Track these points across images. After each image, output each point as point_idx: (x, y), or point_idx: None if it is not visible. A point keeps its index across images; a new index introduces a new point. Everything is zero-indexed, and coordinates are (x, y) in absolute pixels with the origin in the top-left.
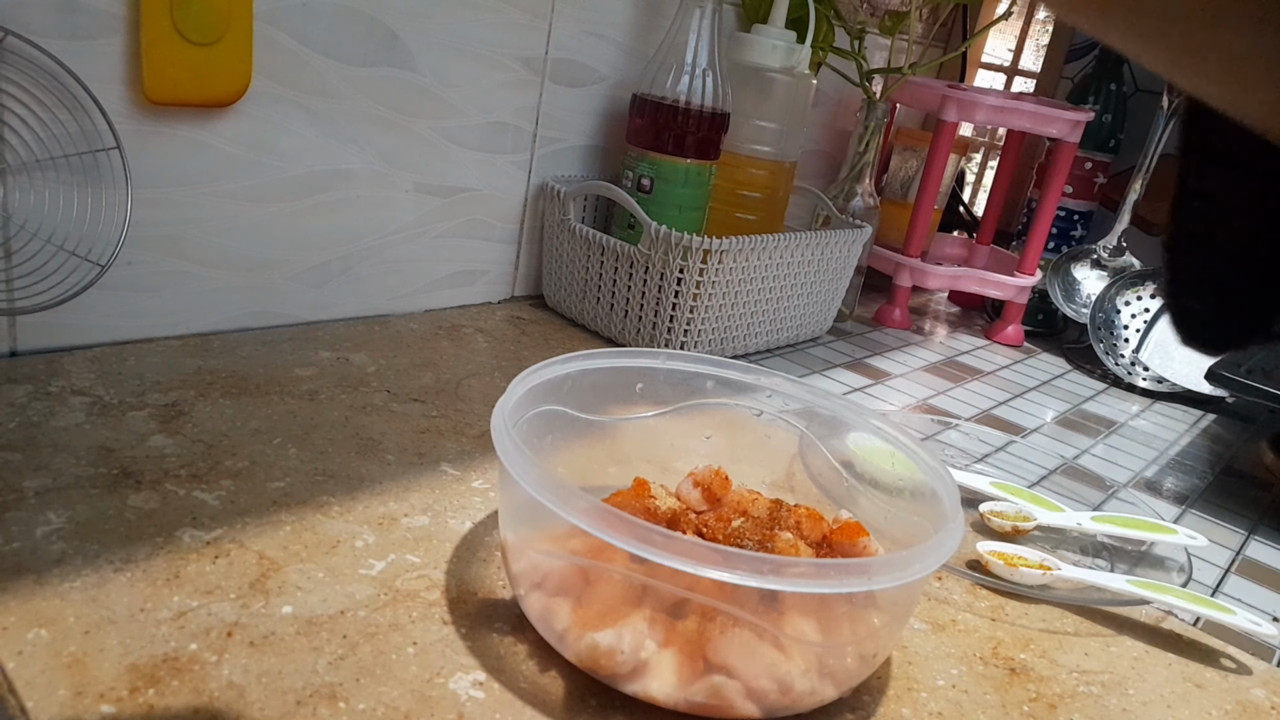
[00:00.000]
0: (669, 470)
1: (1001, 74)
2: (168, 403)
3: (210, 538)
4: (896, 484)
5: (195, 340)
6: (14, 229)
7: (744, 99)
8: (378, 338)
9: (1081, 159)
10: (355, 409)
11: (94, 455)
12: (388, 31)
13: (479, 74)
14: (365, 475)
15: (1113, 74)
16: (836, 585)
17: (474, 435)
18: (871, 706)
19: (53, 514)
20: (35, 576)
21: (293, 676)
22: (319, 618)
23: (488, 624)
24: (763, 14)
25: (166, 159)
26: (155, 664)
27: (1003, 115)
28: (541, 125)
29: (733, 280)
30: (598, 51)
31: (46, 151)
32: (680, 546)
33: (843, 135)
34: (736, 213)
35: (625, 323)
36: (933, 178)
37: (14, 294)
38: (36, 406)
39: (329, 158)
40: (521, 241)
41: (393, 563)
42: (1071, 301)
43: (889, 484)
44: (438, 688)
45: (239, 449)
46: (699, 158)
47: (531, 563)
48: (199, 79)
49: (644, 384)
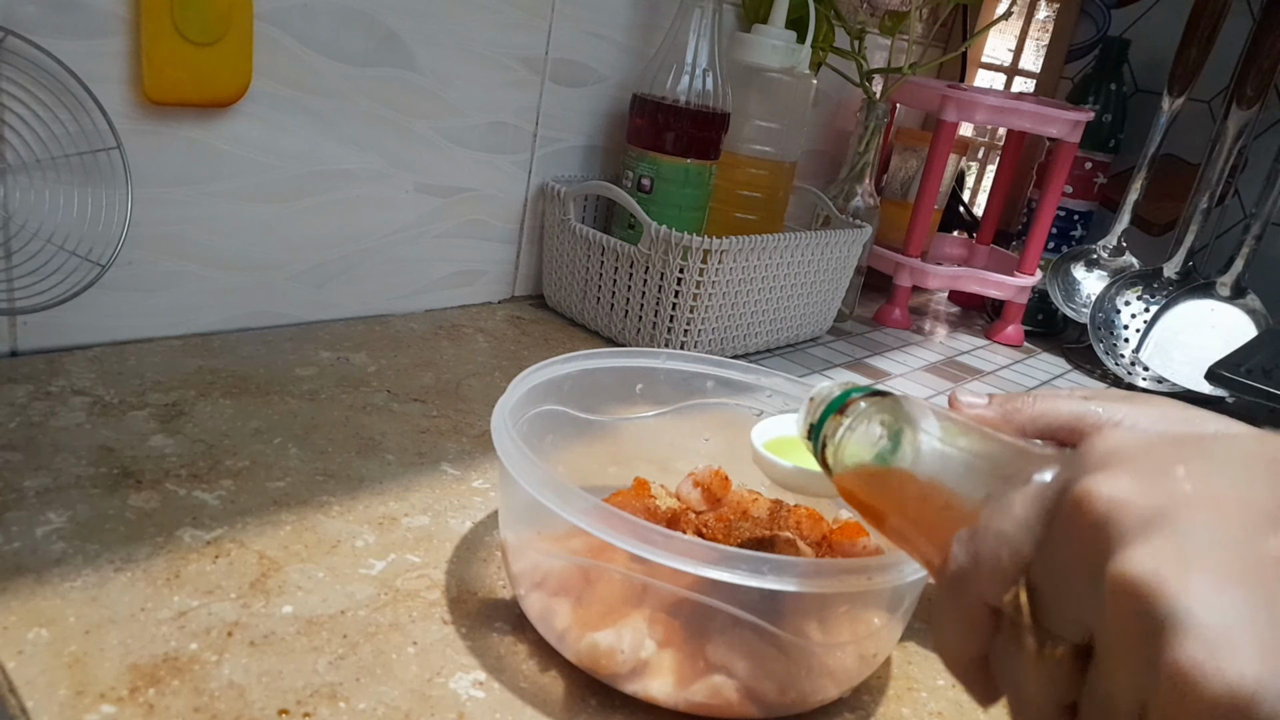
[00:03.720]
0: (669, 470)
1: (1001, 74)
2: (168, 402)
3: (211, 537)
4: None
5: (196, 340)
6: (14, 229)
7: (744, 99)
8: (378, 338)
9: (1081, 159)
10: (356, 409)
11: (94, 455)
12: (388, 31)
13: (479, 74)
14: (366, 475)
15: (1113, 74)
16: (837, 585)
17: (474, 435)
18: (871, 706)
19: (53, 514)
20: (35, 576)
21: (293, 676)
22: (319, 617)
23: (488, 624)
24: (763, 14)
25: (167, 159)
26: (156, 664)
27: (1003, 115)
28: (542, 125)
29: (733, 280)
30: (598, 51)
31: (47, 151)
32: (680, 546)
33: (843, 135)
34: (736, 213)
35: (625, 323)
36: (933, 178)
37: (14, 293)
38: (37, 406)
39: (329, 158)
40: (522, 241)
41: (393, 562)
42: (1071, 301)
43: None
44: (438, 687)
45: (239, 449)
46: (699, 158)
47: (532, 562)
48: (199, 79)
49: (644, 384)
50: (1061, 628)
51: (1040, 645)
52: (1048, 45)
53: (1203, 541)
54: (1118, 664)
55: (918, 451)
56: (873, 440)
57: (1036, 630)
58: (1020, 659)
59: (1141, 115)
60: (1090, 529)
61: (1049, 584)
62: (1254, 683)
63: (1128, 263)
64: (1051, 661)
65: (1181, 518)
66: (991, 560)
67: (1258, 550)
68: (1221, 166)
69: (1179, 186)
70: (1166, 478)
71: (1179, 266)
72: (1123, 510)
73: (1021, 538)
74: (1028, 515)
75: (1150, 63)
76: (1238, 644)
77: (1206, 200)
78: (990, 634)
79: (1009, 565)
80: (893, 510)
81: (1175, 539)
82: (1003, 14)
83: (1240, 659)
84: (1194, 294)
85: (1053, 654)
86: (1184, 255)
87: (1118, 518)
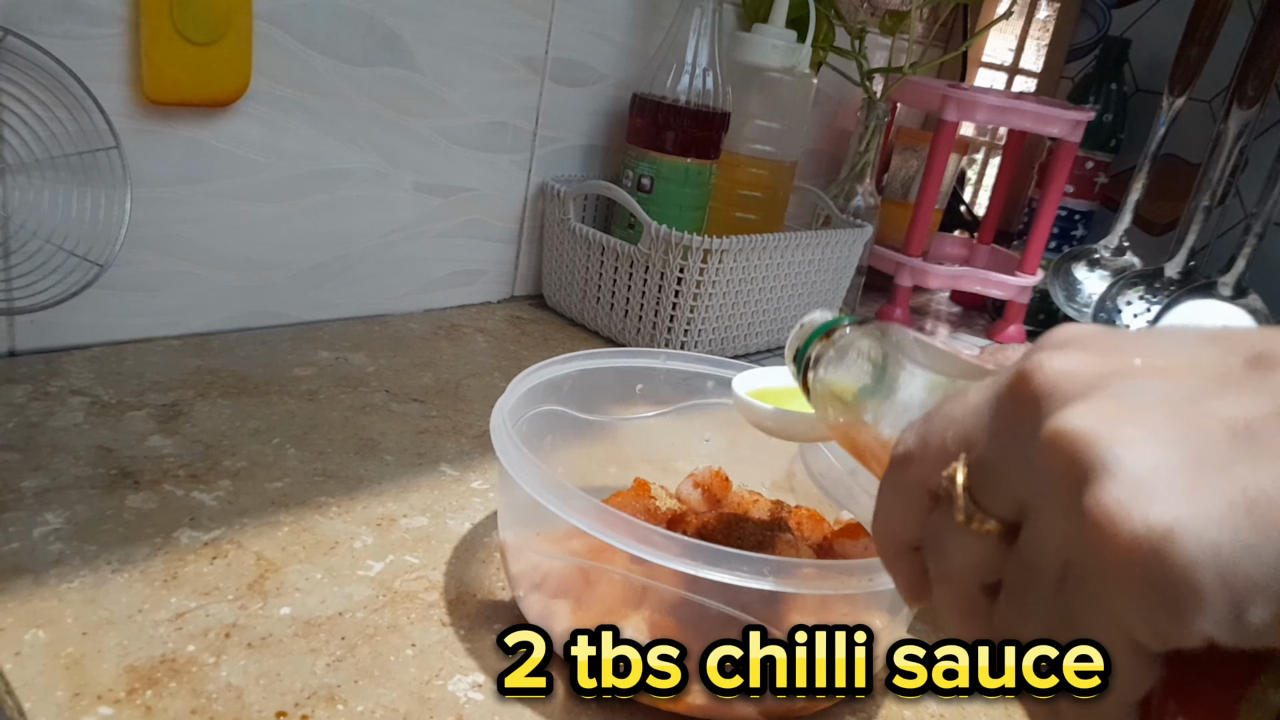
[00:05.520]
0: (669, 471)
1: (1002, 73)
2: (166, 403)
3: (208, 538)
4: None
5: (194, 340)
6: (13, 228)
7: (744, 98)
8: (377, 337)
9: (1082, 158)
10: (354, 409)
11: (92, 455)
12: (388, 31)
13: (479, 73)
14: (364, 476)
15: (1113, 74)
16: (838, 587)
17: (473, 435)
18: (872, 709)
19: (51, 514)
20: (33, 577)
21: (291, 678)
22: (317, 619)
23: (487, 625)
24: (763, 13)
25: (166, 158)
26: (153, 665)
27: (1003, 115)
28: (541, 125)
29: (733, 280)
30: (598, 51)
31: (46, 151)
32: (680, 548)
33: (843, 135)
34: (737, 212)
35: (625, 323)
36: (933, 177)
37: (13, 294)
38: (35, 406)
39: (328, 157)
40: (521, 241)
41: (391, 564)
42: (1073, 301)
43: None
44: (436, 689)
45: (238, 449)
46: (699, 157)
47: (531, 564)
48: (199, 78)
49: (644, 384)
50: (995, 504)
51: (969, 519)
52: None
53: (1144, 399)
54: (1044, 521)
55: (897, 372)
56: (854, 362)
57: (969, 504)
58: (950, 534)
59: (1142, 115)
60: (1032, 398)
61: (989, 457)
62: (1172, 521)
63: (1129, 262)
64: (980, 535)
65: (1126, 381)
66: (937, 441)
67: (1199, 409)
68: (1222, 166)
69: (1180, 186)
70: (1117, 352)
71: (1181, 266)
72: (1069, 379)
73: (969, 422)
74: (979, 401)
75: (1151, 62)
76: (1161, 488)
77: (1208, 200)
78: (924, 518)
79: (952, 447)
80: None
81: (1116, 398)
82: (1003, 13)
83: (1161, 502)
84: (1196, 294)
85: (982, 527)
86: (1185, 255)
87: (1063, 386)
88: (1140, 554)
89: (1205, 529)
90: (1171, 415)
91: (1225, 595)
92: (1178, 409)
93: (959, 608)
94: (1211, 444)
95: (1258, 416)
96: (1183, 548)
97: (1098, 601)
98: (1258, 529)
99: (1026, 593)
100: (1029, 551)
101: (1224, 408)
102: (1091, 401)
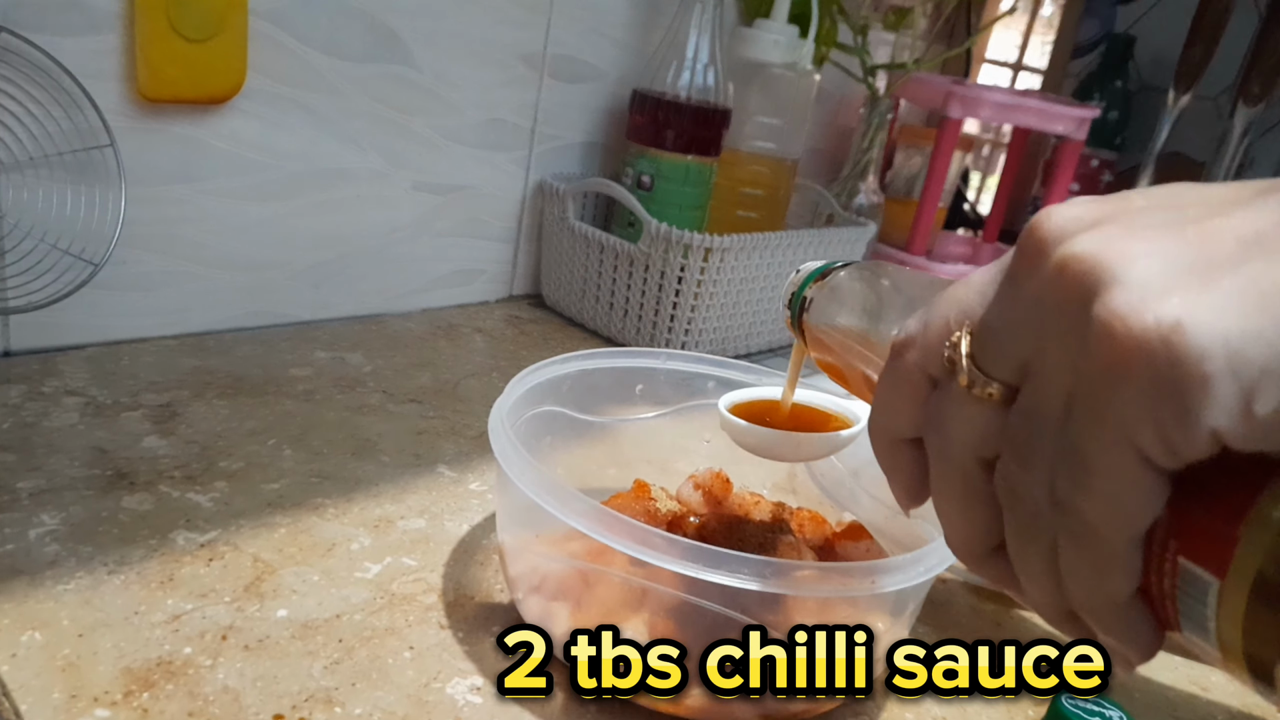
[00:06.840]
0: (669, 472)
1: (1007, 70)
2: (162, 403)
3: (205, 540)
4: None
5: (190, 340)
6: (7, 227)
7: (746, 95)
8: (374, 337)
9: (1087, 156)
10: (352, 409)
11: (88, 456)
12: (385, 28)
13: (477, 71)
14: (361, 477)
15: (1118, 71)
16: (839, 589)
17: (471, 436)
18: (874, 711)
19: (46, 515)
20: (29, 579)
21: (288, 681)
22: (314, 621)
23: (485, 628)
24: (764, 9)
25: (161, 156)
26: (150, 667)
27: (1008, 112)
28: (540, 122)
29: (734, 279)
30: (597, 48)
31: (40, 149)
32: (681, 550)
33: (846, 132)
34: (738, 210)
35: (625, 322)
36: (937, 175)
37: (7, 293)
38: (30, 407)
39: (326, 156)
40: (520, 240)
41: (389, 566)
42: None
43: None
44: (435, 692)
45: (234, 450)
46: (700, 155)
47: (530, 566)
48: (194, 76)
49: (644, 384)
50: (997, 368)
51: (972, 384)
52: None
53: (1152, 223)
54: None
55: (892, 298)
56: (847, 296)
57: (972, 369)
58: (950, 407)
59: (1147, 112)
60: (1040, 242)
61: (993, 321)
62: (1180, 313)
63: None
64: (982, 401)
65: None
66: (939, 320)
67: (1207, 225)
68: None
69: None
70: (1122, 199)
71: None
72: (1075, 222)
73: (972, 298)
74: (982, 277)
75: (1155, 59)
76: (1169, 287)
77: None
78: (923, 405)
79: (954, 323)
80: (860, 361)
81: (1124, 224)
82: (1007, 10)
83: (1169, 298)
84: None
85: (984, 391)
86: None
87: (1069, 228)
88: (1149, 348)
89: (1214, 319)
90: (1179, 232)
91: (1234, 383)
92: (1185, 227)
93: (958, 490)
94: (1221, 250)
95: (1266, 227)
96: (1191, 337)
97: (1104, 419)
98: (1269, 314)
99: (1029, 441)
100: (1032, 397)
101: (1232, 224)
102: (1100, 228)
